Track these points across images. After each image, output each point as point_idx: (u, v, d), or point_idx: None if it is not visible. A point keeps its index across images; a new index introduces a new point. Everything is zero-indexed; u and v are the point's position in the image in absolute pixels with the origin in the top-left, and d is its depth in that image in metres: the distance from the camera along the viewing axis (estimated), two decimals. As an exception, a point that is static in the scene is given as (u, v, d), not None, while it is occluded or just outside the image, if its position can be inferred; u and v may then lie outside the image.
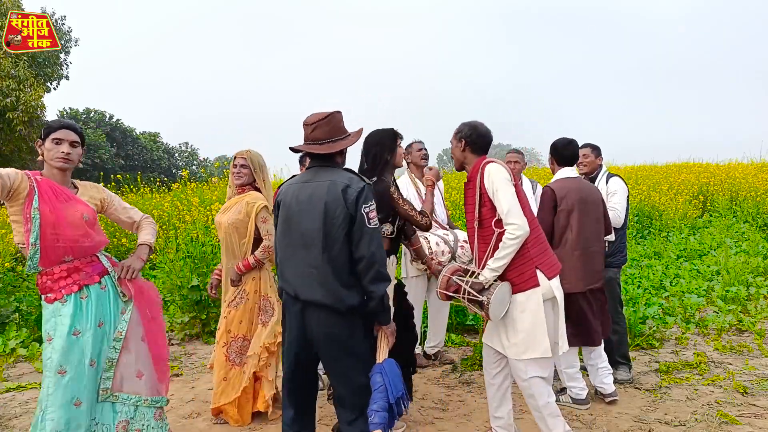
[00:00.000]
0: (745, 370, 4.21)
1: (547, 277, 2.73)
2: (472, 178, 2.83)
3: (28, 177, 2.42)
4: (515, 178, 4.57)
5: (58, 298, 2.43)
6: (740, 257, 7.55)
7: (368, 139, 3.18)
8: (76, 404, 2.37)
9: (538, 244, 2.78)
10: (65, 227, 2.42)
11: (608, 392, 3.58)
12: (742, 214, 10.24)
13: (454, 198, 9.33)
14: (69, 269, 2.46)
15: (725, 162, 15.37)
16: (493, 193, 2.70)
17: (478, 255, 2.86)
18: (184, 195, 9.33)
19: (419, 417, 3.49)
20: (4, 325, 5.25)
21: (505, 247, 2.67)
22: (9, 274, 6.03)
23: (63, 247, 2.43)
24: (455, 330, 5.30)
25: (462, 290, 2.74)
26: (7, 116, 15.45)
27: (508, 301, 2.74)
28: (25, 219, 2.37)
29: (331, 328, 2.33)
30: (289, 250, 2.41)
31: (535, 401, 2.76)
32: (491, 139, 2.92)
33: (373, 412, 2.19)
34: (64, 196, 2.48)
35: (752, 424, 3.28)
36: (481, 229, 2.81)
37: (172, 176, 30.06)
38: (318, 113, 2.49)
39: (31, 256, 2.38)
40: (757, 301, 6.03)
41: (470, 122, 2.93)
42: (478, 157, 2.88)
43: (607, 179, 4.07)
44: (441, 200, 4.50)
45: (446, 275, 2.82)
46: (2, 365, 4.54)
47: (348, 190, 2.31)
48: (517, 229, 2.64)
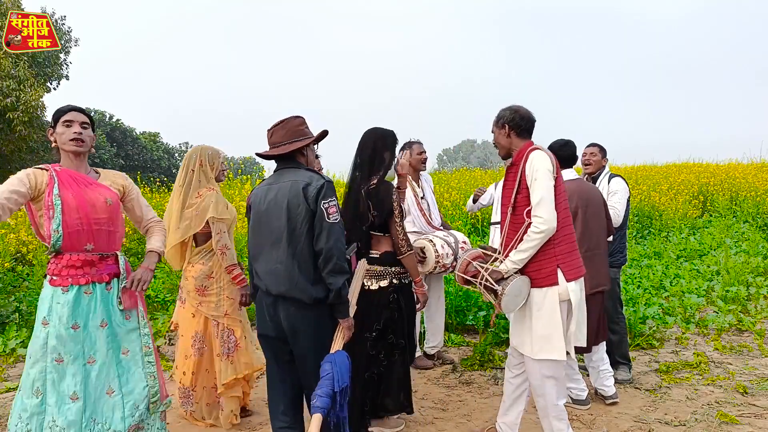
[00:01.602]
0: (745, 370, 4.21)
1: (567, 278, 2.66)
2: (516, 162, 2.76)
3: (44, 169, 2.41)
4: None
5: (63, 284, 2.37)
6: (740, 257, 7.55)
7: (367, 135, 3.12)
8: (72, 398, 2.33)
9: (566, 243, 2.70)
10: (89, 210, 2.39)
11: (609, 394, 3.58)
12: (742, 214, 10.24)
13: (454, 198, 9.34)
14: (84, 260, 2.41)
15: (725, 162, 15.41)
16: (532, 182, 2.63)
17: (504, 242, 2.79)
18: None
19: (419, 417, 3.49)
20: (4, 325, 5.25)
21: (529, 240, 2.62)
22: (9, 274, 6.03)
23: (87, 231, 2.39)
24: (455, 330, 5.30)
25: (480, 276, 2.71)
26: (7, 116, 15.45)
27: (525, 295, 2.70)
28: (47, 207, 2.34)
29: (300, 319, 2.47)
30: (259, 248, 2.57)
31: (544, 402, 2.75)
32: (535, 120, 2.84)
33: (316, 397, 2.32)
34: (85, 181, 2.46)
35: (752, 424, 3.28)
36: (513, 215, 2.74)
37: (172, 176, 30.03)
38: (278, 120, 2.66)
39: (53, 243, 2.35)
40: (757, 301, 6.03)
41: (510, 106, 2.85)
42: (524, 141, 2.81)
43: (609, 179, 4.08)
44: (434, 200, 4.51)
45: (467, 259, 2.80)
46: (2, 365, 4.54)
47: (308, 188, 2.43)
48: (542, 222, 2.58)
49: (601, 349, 3.58)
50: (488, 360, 4.43)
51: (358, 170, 3.06)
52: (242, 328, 3.37)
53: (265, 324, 2.56)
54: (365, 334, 3.02)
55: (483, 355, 4.44)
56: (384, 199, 2.99)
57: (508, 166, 2.85)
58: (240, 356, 3.32)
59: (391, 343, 3.09)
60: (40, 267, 5.64)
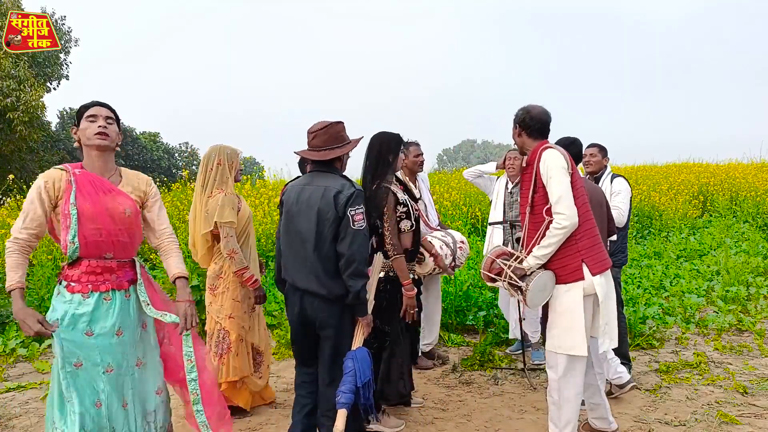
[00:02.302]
0: (745, 370, 4.21)
1: (592, 272, 2.69)
2: (530, 162, 2.80)
3: (65, 171, 2.30)
4: (515, 178, 4.60)
5: (83, 291, 2.29)
6: (740, 257, 7.55)
7: (373, 139, 3.24)
8: (97, 405, 2.28)
9: (589, 237, 2.73)
10: (106, 221, 2.29)
11: (626, 380, 3.54)
12: (742, 214, 10.25)
13: (454, 198, 9.33)
14: (104, 267, 2.34)
15: (725, 162, 15.40)
16: (547, 180, 2.67)
17: (525, 240, 2.83)
18: (184, 195, 9.33)
19: (419, 417, 3.49)
20: (4, 325, 5.25)
21: (551, 236, 2.66)
22: (9, 274, 6.03)
23: (105, 242, 2.30)
24: (455, 330, 5.30)
25: (504, 274, 2.77)
26: (8, 116, 15.46)
27: (549, 290, 2.74)
28: (63, 216, 2.25)
29: (323, 312, 2.66)
30: (288, 245, 2.74)
31: (558, 396, 2.78)
32: (548, 121, 2.86)
33: (340, 393, 2.51)
34: (105, 187, 2.34)
35: (752, 424, 3.28)
36: (532, 215, 2.79)
37: (172, 176, 30.04)
38: (320, 122, 2.74)
39: (70, 253, 2.27)
40: (757, 301, 6.03)
41: (525, 106, 2.89)
42: (535, 141, 2.84)
43: (612, 179, 4.07)
44: (431, 201, 4.50)
45: (491, 257, 2.88)
46: (2, 365, 4.54)
47: (339, 196, 2.59)
48: (564, 219, 2.61)
49: None
50: (488, 360, 4.43)
51: (367, 173, 3.23)
52: (240, 333, 3.35)
53: (293, 313, 2.75)
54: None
55: (483, 355, 4.44)
56: (377, 204, 3.13)
57: (523, 167, 2.90)
58: (231, 360, 3.31)
59: (382, 330, 3.20)
60: (40, 267, 5.64)
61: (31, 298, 5.54)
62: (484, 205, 8.73)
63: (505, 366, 4.36)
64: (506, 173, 4.59)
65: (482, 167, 4.74)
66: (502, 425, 3.36)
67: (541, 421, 3.38)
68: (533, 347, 4.51)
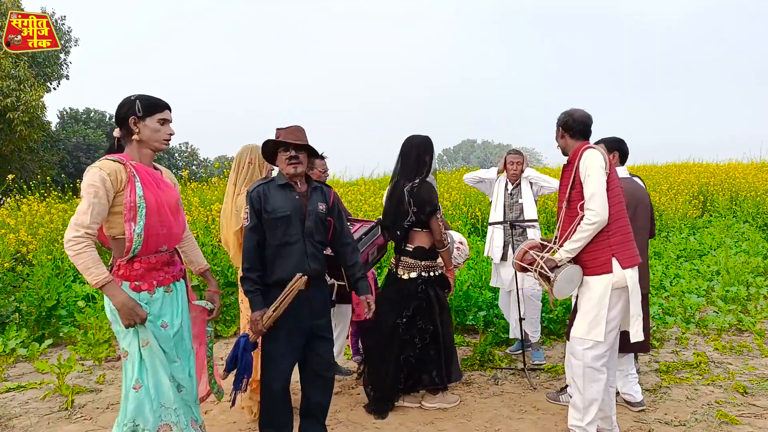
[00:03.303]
0: (745, 370, 4.21)
1: (622, 266, 2.84)
2: (571, 161, 3.00)
3: (122, 164, 2.25)
4: (515, 179, 4.60)
5: (149, 288, 2.29)
6: (740, 257, 7.55)
7: (407, 143, 3.53)
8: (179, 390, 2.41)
9: (621, 234, 2.89)
10: (167, 213, 2.31)
11: (637, 400, 3.52)
12: (742, 214, 10.24)
13: (453, 198, 9.33)
14: (163, 261, 2.35)
15: (725, 162, 15.39)
16: (585, 178, 2.85)
17: (560, 233, 3.01)
18: (184, 195, 9.33)
19: (419, 417, 3.49)
20: (4, 325, 5.24)
21: (581, 231, 2.83)
22: (9, 274, 6.03)
23: (164, 234, 2.32)
24: (455, 330, 5.29)
25: (536, 264, 2.95)
26: (8, 116, 15.46)
27: (576, 282, 2.92)
28: (128, 208, 2.21)
29: None
30: None
31: (581, 383, 2.90)
32: (589, 123, 3.07)
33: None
34: (158, 180, 2.37)
35: (752, 424, 3.28)
36: (568, 209, 2.97)
37: (172, 176, 30.04)
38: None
39: (134, 248, 2.24)
40: (757, 301, 6.03)
41: (567, 110, 3.10)
42: (578, 142, 3.04)
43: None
44: None
45: (524, 248, 3.08)
46: (2, 365, 4.54)
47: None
48: (594, 215, 2.78)
49: (630, 353, 3.51)
50: (488, 360, 4.43)
51: (402, 174, 3.50)
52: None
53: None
54: (396, 320, 3.45)
55: (483, 355, 4.44)
56: (426, 199, 3.38)
57: (564, 165, 3.09)
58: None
59: (421, 328, 3.45)
60: (40, 267, 5.63)
61: (31, 298, 5.55)
62: (484, 205, 8.73)
63: (505, 366, 4.36)
64: (506, 174, 4.59)
65: (483, 173, 4.74)
66: (502, 425, 3.36)
67: (541, 422, 3.38)
68: (533, 347, 4.51)
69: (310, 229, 2.76)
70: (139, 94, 2.35)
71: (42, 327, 5.22)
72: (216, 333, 5.39)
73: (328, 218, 2.85)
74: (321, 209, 2.82)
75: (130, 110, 2.30)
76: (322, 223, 2.82)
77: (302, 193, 2.81)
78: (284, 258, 2.72)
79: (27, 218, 7.29)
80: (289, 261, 2.71)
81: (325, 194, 2.88)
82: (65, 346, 5.01)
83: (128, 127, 2.31)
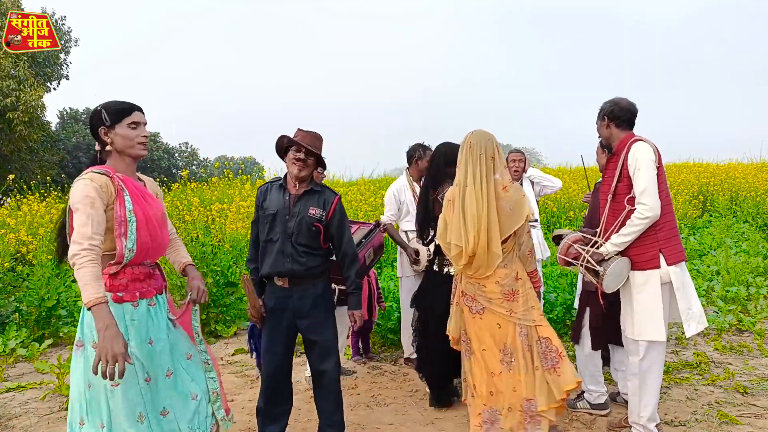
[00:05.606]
0: (745, 370, 4.21)
1: (668, 262, 2.81)
2: (617, 152, 2.94)
3: (109, 177, 2.13)
4: (516, 178, 4.60)
5: (131, 299, 2.16)
6: (740, 257, 7.54)
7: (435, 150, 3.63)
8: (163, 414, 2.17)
9: (668, 229, 2.86)
10: (155, 227, 2.23)
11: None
12: (742, 214, 10.24)
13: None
14: (146, 273, 2.25)
15: (725, 162, 15.40)
16: (634, 171, 2.80)
17: (604, 227, 2.96)
18: (184, 195, 9.34)
19: (419, 417, 3.49)
20: (4, 325, 5.25)
21: (632, 225, 2.78)
22: (9, 274, 6.03)
23: (153, 247, 2.23)
24: (455, 330, 5.29)
25: (582, 258, 2.90)
26: (7, 116, 15.47)
27: (625, 276, 2.86)
28: (118, 223, 2.11)
29: None
30: None
31: (644, 381, 2.86)
32: (635, 112, 2.99)
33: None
34: (144, 192, 2.25)
35: (752, 424, 3.28)
36: (613, 202, 2.92)
37: (172, 176, 29.99)
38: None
39: (124, 261, 2.14)
40: (757, 301, 6.03)
41: (612, 99, 3.03)
42: (624, 132, 2.98)
43: None
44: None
45: (568, 242, 2.99)
46: (2, 365, 4.54)
47: None
48: (647, 210, 2.73)
49: None
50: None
51: (429, 180, 3.59)
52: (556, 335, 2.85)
53: None
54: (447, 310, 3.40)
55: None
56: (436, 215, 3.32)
57: (609, 156, 3.04)
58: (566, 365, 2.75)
59: None
60: (40, 267, 5.63)
61: (31, 298, 5.55)
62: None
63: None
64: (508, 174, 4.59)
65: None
66: (502, 425, 3.36)
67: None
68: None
69: (292, 231, 2.78)
70: (106, 102, 2.23)
71: (42, 327, 5.22)
72: (216, 333, 5.39)
73: (316, 224, 2.81)
74: (312, 213, 2.79)
75: (99, 121, 2.20)
76: (309, 227, 2.79)
77: (293, 195, 2.83)
78: (267, 255, 2.85)
79: (27, 218, 7.29)
80: (269, 258, 2.83)
81: (325, 200, 2.84)
82: (65, 346, 5.01)
83: (101, 138, 2.21)
